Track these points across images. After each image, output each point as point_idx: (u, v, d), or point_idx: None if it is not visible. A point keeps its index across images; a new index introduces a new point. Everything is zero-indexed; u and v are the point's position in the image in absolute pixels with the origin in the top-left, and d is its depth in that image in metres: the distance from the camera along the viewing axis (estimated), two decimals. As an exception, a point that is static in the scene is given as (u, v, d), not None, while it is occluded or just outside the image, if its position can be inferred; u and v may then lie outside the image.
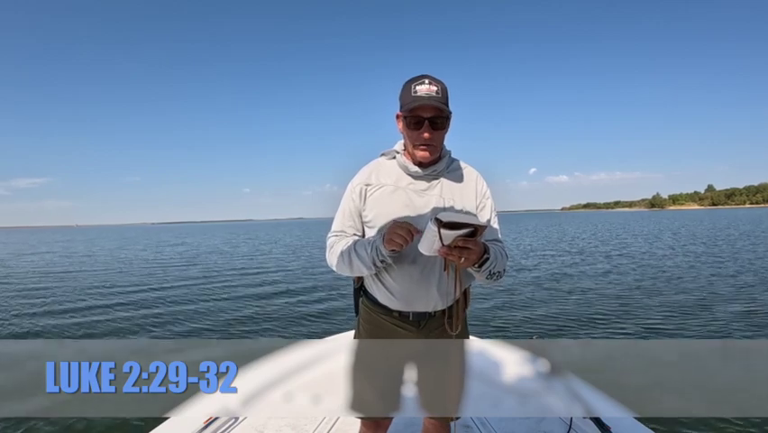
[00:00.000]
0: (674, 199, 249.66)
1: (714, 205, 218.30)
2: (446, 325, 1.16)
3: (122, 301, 8.03)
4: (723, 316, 5.81)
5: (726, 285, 7.89)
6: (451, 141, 1.23)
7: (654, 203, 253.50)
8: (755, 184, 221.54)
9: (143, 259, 17.51)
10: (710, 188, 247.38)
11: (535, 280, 9.19)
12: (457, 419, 1.30)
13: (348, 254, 1.15)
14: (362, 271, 1.16)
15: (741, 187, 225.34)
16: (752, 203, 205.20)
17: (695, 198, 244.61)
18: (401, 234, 1.01)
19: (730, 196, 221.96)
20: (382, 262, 1.11)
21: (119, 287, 9.86)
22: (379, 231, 1.14)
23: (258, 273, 11.87)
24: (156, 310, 7.17)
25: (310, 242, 27.05)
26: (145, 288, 9.62)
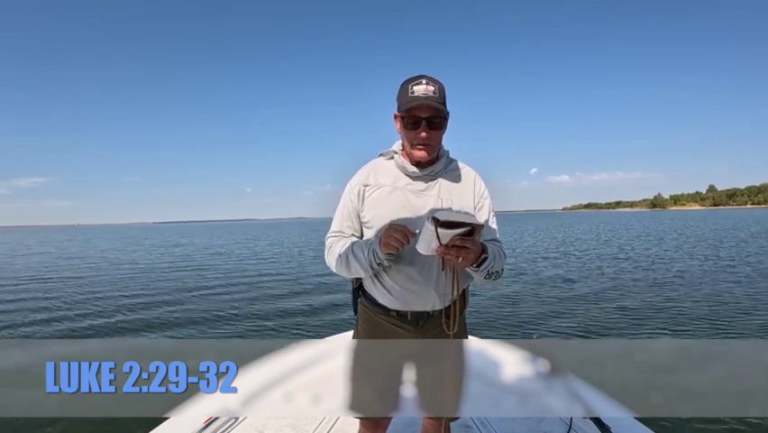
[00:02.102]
0: (676, 200, 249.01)
1: (715, 205, 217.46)
2: (443, 324, 1.16)
3: (122, 301, 8.04)
4: (728, 318, 5.79)
5: (737, 288, 7.77)
6: (450, 141, 1.23)
7: (656, 203, 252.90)
8: (757, 184, 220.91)
9: (144, 259, 17.51)
10: (712, 189, 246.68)
11: (537, 281, 9.18)
12: (455, 418, 1.30)
13: (346, 256, 1.15)
14: (360, 272, 1.16)
15: (742, 187, 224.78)
16: (753, 203, 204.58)
17: (696, 198, 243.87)
18: (397, 237, 1.01)
19: (732, 196, 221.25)
20: (379, 264, 1.11)
21: (119, 287, 9.87)
22: (377, 232, 1.14)
23: (258, 273, 11.87)
24: (156, 310, 7.18)
25: (310, 241, 27.06)
26: (145, 288, 9.64)
